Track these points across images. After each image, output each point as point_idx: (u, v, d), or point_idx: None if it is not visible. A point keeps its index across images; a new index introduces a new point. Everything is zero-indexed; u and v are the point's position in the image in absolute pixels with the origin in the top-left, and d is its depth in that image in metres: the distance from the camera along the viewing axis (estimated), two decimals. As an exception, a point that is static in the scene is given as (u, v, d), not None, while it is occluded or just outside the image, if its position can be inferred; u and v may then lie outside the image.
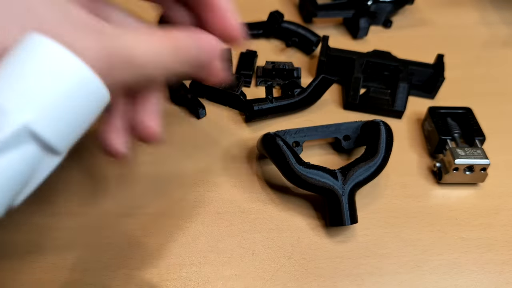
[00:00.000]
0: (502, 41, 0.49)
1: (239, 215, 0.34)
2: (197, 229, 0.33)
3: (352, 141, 0.37)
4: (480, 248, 0.33)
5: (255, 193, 0.35)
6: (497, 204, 0.35)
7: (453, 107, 0.39)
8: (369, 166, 0.33)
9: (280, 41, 0.48)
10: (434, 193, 0.36)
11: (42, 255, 0.31)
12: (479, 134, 0.37)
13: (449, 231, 0.34)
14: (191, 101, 0.40)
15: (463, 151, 0.35)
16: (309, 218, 0.34)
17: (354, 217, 0.32)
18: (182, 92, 0.40)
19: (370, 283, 0.31)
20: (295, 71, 0.43)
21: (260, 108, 0.39)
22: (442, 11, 0.52)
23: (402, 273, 0.31)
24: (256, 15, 0.48)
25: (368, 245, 0.33)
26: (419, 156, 0.38)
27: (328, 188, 0.32)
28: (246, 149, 0.38)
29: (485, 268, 0.32)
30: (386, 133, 0.34)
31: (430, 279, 0.31)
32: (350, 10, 0.49)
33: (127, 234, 0.33)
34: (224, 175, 0.36)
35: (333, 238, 0.33)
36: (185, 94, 0.40)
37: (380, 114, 0.41)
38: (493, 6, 0.53)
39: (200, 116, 0.40)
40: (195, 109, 0.40)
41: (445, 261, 0.32)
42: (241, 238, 0.33)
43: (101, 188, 0.35)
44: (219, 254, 0.32)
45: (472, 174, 0.35)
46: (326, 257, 0.32)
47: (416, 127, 0.41)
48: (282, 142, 0.33)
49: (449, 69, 0.42)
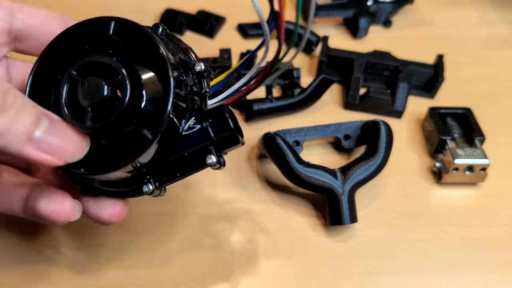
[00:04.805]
0: (502, 41, 0.49)
1: (239, 215, 0.34)
2: (196, 228, 0.33)
3: (352, 141, 0.37)
4: (480, 248, 0.33)
5: (255, 192, 0.35)
6: (497, 204, 0.35)
7: (453, 107, 0.39)
8: (369, 166, 0.33)
9: (280, 41, 0.48)
10: (434, 193, 0.36)
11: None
12: (479, 134, 0.37)
13: (449, 231, 0.34)
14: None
15: (463, 151, 0.35)
16: (309, 217, 0.34)
17: (354, 217, 0.32)
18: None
19: (370, 283, 0.31)
20: (295, 71, 0.43)
21: (260, 108, 0.39)
22: (442, 11, 0.52)
23: (402, 273, 0.31)
24: (256, 15, 0.48)
25: (368, 245, 0.33)
26: (419, 156, 0.38)
27: (328, 187, 0.32)
28: (246, 149, 0.38)
29: (485, 268, 0.32)
30: (386, 132, 0.34)
31: (430, 279, 0.31)
32: (350, 10, 0.49)
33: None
34: (224, 174, 0.36)
35: (333, 237, 0.33)
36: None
37: (380, 114, 0.41)
38: (493, 6, 0.53)
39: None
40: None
41: (445, 261, 0.32)
42: (241, 238, 0.33)
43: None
44: (218, 254, 0.32)
45: (472, 174, 0.35)
46: (326, 257, 0.32)
47: (416, 127, 0.41)
48: (282, 142, 0.33)
49: (449, 69, 0.42)
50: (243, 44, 0.47)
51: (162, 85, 0.22)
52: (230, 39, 0.48)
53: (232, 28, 0.49)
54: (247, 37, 0.48)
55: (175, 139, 0.23)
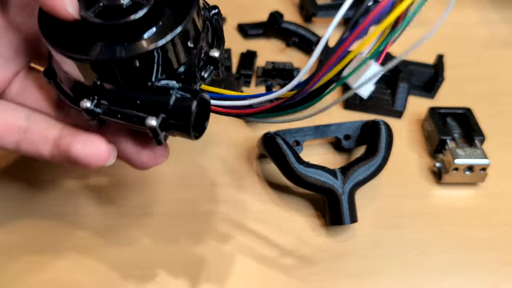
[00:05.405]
0: (502, 41, 0.49)
1: (239, 215, 0.34)
2: (196, 228, 0.33)
3: (352, 141, 0.37)
4: (480, 248, 0.33)
5: (255, 192, 0.35)
6: (497, 204, 0.35)
7: (453, 107, 0.39)
8: (369, 166, 0.33)
9: (280, 41, 0.48)
10: (434, 193, 0.36)
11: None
12: (479, 134, 0.37)
13: (449, 231, 0.34)
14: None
15: (463, 151, 0.35)
16: (309, 217, 0.34)
17: (354, 216, 0.32)
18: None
19: (370, 283, 0.31)
20: (295, 71, 0.43)
21: (260, 108, 0.39)
22: (442, 11, 0.52)
23: (402, 273, 0.31)
24: (256, 15, 0.48)
25: (368, 245, 0.33)
26: (419, 156, 0.38)
27: (328, 187, 0.32)
28: (246, 149, 0.38)
29: (485, 268, 0.32)
30: (386, 132, 0.34)
31: (430, 279, 0.31)
32: (350, 10, 0.48)
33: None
34: (224, 174, 0.36)
35: (333, 237, 0.33)
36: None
37: (380, 114, 0.41)
38: (493, 6, 0.53)
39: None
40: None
41: (445, 261, 0.32)
42: (241, 238, 0.33)
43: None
44: (218, 254, 0.32)
45: (472, 174, 0.35)
46: (326, 257, 0.32)
47: (416, 127, 0.41)
48: (282, 142, 0.33)
49: (449, 69, 0.42)
50: (243, 44, 0.47)
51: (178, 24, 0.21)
52: (230, 39, 0.48)
53: (232, 28, 0.49)
54: (247, 37, 0.48)
55: (143, 80, 0.22)
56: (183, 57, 0.23)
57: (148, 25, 0.22)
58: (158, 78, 0.22)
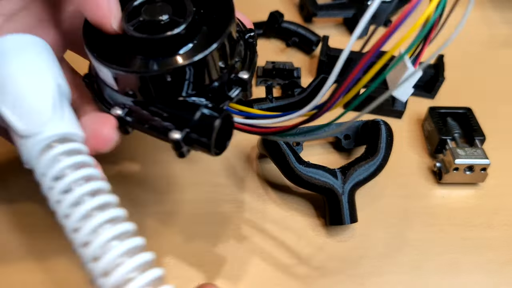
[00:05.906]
0: (502, 41, 0.49)
1: (239, 215, 0.34)
2: (197, 228, 0.33)
3: (352, 141, 0.37)
4: (480, 248, 0.33)
5: (255, 192, 0.35)
6: (497, 204, 0.35)
7: (453, 107, 0.39)
8: (369, 166, 0.33)
9: (280, 41, 0.48)
10: (434, 193, 0.36)
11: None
12: (479, 134, 0.37)
13: (449, 231, 0.34)
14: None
15: (463, 151, 0.35)
16: (309, 217, 0.34)
17: (354, 216, 0.32)
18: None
19: (370, 283, 0.31)
20: (295, 71, 0.43)
21: (260, 107, 0.39)
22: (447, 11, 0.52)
23: (402, 273, 0.31)
24: (256, 15, 0.48)
25: (368, 245, 0.33)
26: (419, 156, 0.38)
27: (328, 187, 0.32)
28: (246, 149, 0.38)
29: (485, 268, 0.32)
30: (386, 132, 0.34)
31: (430, 279, 0.31)
32: (350, 10, 0.49)
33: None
34: (224, 174, 0.36)
35: (333, 237, 0.33)
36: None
37: (380, 114, 0.41)
38: (493, 6, 0.53)
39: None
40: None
41: (445, 261, 0.32)
42: (241, 238, 0.33)
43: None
44: (218, 254, 0.32)
45: (472, 174, 0.35)
46: (326, 257, 0.32)
47: (416, 127, 0.41)
48: (282, 141, 0.33)
49: (449, 69, 0.42)
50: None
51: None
52: (230, 39, 0.47)
53: (232, 28, 0.49)
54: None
55: (173, 94, 0.23)
56: (214, 75, 0.23)
57: (184, 42, 0.22)
58: (189, 93, 0.23)
